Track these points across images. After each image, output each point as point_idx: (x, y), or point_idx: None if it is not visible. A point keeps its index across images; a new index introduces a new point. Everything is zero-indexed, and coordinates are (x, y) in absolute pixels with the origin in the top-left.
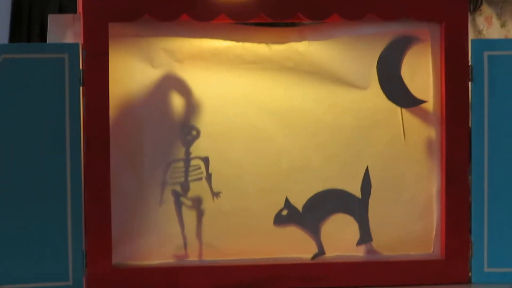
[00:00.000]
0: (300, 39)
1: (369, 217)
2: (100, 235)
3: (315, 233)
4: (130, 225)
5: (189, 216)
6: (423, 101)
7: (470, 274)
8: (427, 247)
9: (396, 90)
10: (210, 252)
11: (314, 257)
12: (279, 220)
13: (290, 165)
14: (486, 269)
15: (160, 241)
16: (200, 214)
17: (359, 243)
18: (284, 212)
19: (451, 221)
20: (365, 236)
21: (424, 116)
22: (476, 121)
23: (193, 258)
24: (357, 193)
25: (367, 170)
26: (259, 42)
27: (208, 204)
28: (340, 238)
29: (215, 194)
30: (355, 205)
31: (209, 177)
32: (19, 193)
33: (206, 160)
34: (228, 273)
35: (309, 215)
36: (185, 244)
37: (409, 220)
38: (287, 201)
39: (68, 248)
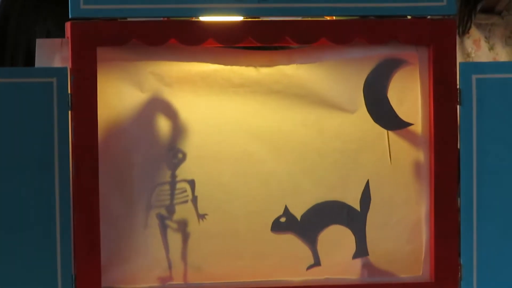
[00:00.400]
0: (288, 62)
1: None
2: (89, 259)
3: (312, 243)
4: (119, 249)
5: (175, 239)
6: (409, 124)
7: None
8: (416, 269)
9: (382, 113)
10: (197, 275)
11: (310, 267)
12: (277, 226)
13: (278, 188)
14: None
15: (147, 265)
16: (186, 237)
17: (355, 256)
18: (283, 219)
19: (440, 244)
20: (362, 250)
21: (412, 139)
22: (464, 143)
23: (177, 281)
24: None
25: (367, 184)
26: (247, 65)
27: (194, 227)
28: (337, 250)
29: (201, 216)
30: (354, 217)
31: (195, 199)
32: (7, 218)
33: (192, 183)
34: None
35: (307, 224)
36: (170, 267)
37: (398, 243)
38: (286, 209)
39: (57, 272)
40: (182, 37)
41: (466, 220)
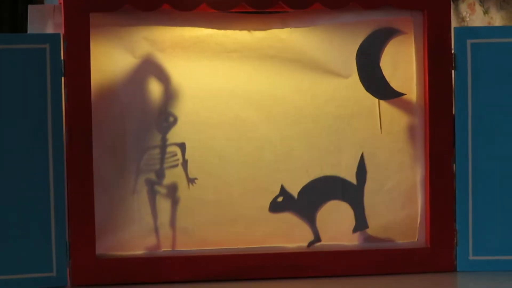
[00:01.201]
0: (283, 26)
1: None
2: (83, 226)
3: (310, 220)
4: (113, 216)
5: (164, 204)
6: (401, 94)
7: (455, 262)
8: (411, 235)
9: (374, 82)
10: (187, 242)
11: (310, 244)
12: (275, 207)
13: (272, 154)
14: (471, 257)
15: (137, 232)
16: (175, 202)
17: (355, 230)
18: (280, 199)
19: (436, 210)
20: (361, 223)
21: (407, 104)
22: (459, 109)
23: (166, 248)
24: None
25: (362, 156)
26: (241, 29)
27: (184, 192)
28: (336, 225)
29: (191, 181)
30: (350, 191)
31: (185, 163)
32: (1, 185)
33: (182, 146)
34: (213, 263)
35: (305, 202)
36: (157, 234)
37: (392, 209)
38: (282, 188)
39: (51, 240)
40: (175, 2)
41: (462, 186)
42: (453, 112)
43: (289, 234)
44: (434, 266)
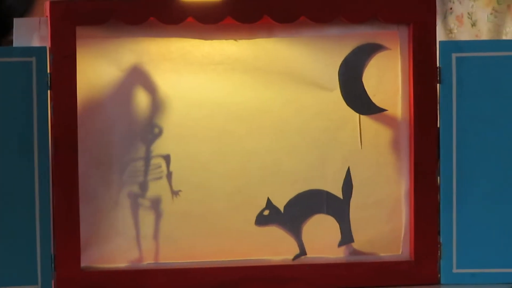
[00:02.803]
0: (268, 35)
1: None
2: (68, 238)
3: (296, 233)
4: (98, 228)
5: (147, 217)
6: (383, 110)
7: (439, 275)
8: (396, 248)
9: (355, 97)
10: (170, 255)
11: (296, 257)
12: (261, 220)
13: (259, 167)
14: (455, 270)
15: (122, 244)
16: (158, 215)
17: (340, 244)
18: (266, 212)
19: (420, 223)
20: (347, 237)
21: (391, 118)
22: (444, 122)
23: (148, 260)
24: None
25: (348, 171)
26: (227, 38)
27: (168, 205)
28: (322, 239)
29: (175, 193)
30: (336, 205)
31: (169, 175)
32: None
33: (167, 158)
34: (198, 276)
35: (291, 215)
36: (139, 246)
37: (377, 222)
38: (268, 202)
39: (36, 252)
40: (161, 16)
41: (446, 199)
42: (438, 126)
43: (275, 247)
44: (418, 278)
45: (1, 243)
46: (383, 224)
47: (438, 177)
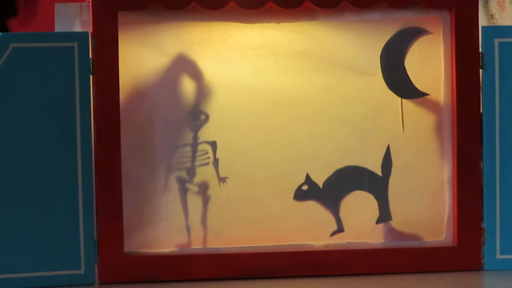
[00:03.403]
0: (311, 19)
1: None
2: (111, 223)
3: (334, 209)
4: (141, 213)
5: (195, 202)
6: (425, 94)
7: (482, 261)
8: (439, 234)
9: (397, 81)
10: (217, 240)
11: (333, 233)
12: (300, 195)
13: (298, 153)
14: (498, 256)
15: (169, 229)
16: (206, 200)
17: (378, 221)
18: (305, 187)
19: (463, 208)
20: (385, 214)
21: (434, 103)
22: (487, 108)
23: (197, 246)
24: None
25: (388, 148)
26: (268, 21)
27: (215, 191)
28: (360, 216)
29: (222, 179)
30: (376, 183)
31: (216, 162)
32: (30, 183)
33: (213, 145)
34: (239, 261)
35: (329, 191)
36: (188, 232)
37: (419, 207)
38: (307, 177)
39: (80, 237)
40: (203, 1)
41: (489, 185)
42: (481, 111)
43: (315, 230)
44: (461, 264)
45: (45, 229)
46: (425, 208)
47: (481, 163)
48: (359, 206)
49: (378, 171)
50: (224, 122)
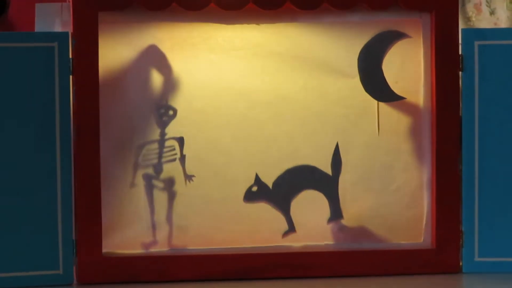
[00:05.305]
0: (291, 20)
1: (356, 205)
2: (90, 224)
3: (285, 209)
4: (119, 213)
5: (161, 199)
6: (402, 98)
7: (460, 263)
8: (417, 236)
9: (374, 84)
10: (182, 237)
11: (285, 234)
12: (249, 196)
13: (278, 153)
14: (477, 259)
15: (146, 229)
16: (171, 197)
17: (330, 220)
18: (254, 188)
19: (442, 211)
20: (336, 213)
21: (413, 105)
22: (466, 110)
23: (162, 244)
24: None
25: (337, 146)
26: (249, 23)
27: (198, 191)
28: (311, 215)
29: (188, 177)
30: (325, 182)
31: (182, 158)
32: (7, 182)
33: (181, 141)
34: (219, 262)
35: (279, 192)
36: (154, 229)
37: (398, 209)
38: (257, 178)
39: (58, 237)
40: (183, 2)
41: (468, 187)
42: (460, 114)
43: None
44: (440, 267)
45: (23, 229)
46: (403, 210)
47: (460, 166)
48: (310, 205)
49: (360, 178)
50: (203, 124)
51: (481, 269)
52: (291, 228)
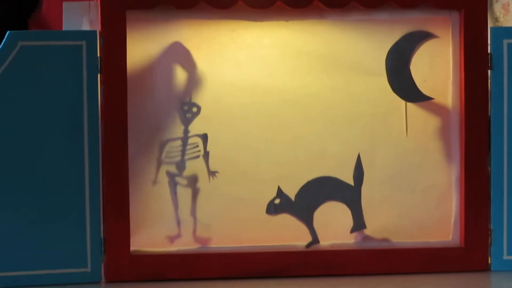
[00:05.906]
0: (319, 17)
1: (383, 206)
2: (118, 222)
3: (308, 221)
4: (144, 210)
5: (185, 196)
6: (429, 98)
7: (489, 262)
8: (445, 235)
9: (402, 84)
10: (206, 233)
11: (309, 245)
12: (272, 209)
13: (306, 153)
14: (505, 257)
15: (171, 225)
16: (195, 194)
17: (352, 230)
18: (277, 201)
19: (470, 209)
20: (359, 224)
21: (442, 104)
22: (495, 109)
23: (187, 239)
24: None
25: (359, 157)
26: (277, 19)
27: (226, 190)
28: (334, 226)
29: (212, 174)
30: (348, 193)
31: (206, 155)
32: (37, 181)
33: (204, 137)
34: (246, 260)
35: (301, 203)
36: (179, 225)
37: (426, 208)
38: (279, 190)
39: (86, 235)
40: (211, 0)
41: (496, 186)
42: (489, 113)
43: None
44: (468, 265)
45: (52, 227)
46: (432, 209)
47: (489, 164)
48: (332, 216)
49: (385, 179)
50: (232, 123)
51: (510, 267)
52: (315, 240)
